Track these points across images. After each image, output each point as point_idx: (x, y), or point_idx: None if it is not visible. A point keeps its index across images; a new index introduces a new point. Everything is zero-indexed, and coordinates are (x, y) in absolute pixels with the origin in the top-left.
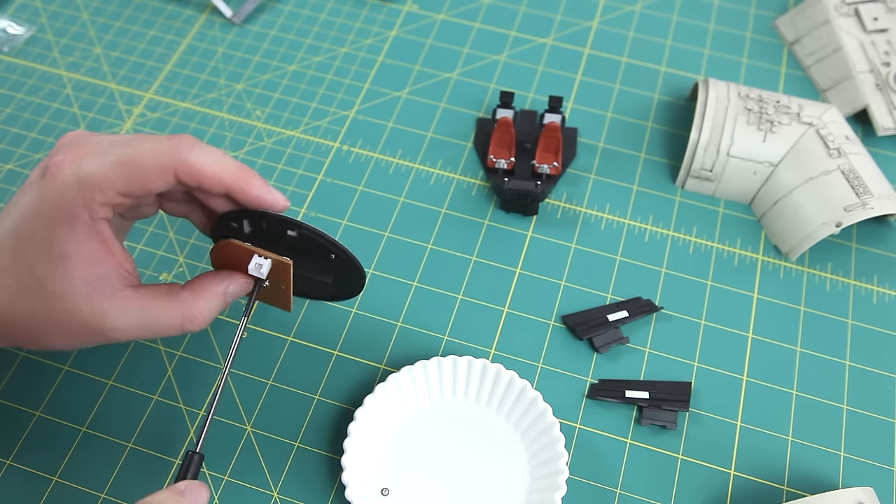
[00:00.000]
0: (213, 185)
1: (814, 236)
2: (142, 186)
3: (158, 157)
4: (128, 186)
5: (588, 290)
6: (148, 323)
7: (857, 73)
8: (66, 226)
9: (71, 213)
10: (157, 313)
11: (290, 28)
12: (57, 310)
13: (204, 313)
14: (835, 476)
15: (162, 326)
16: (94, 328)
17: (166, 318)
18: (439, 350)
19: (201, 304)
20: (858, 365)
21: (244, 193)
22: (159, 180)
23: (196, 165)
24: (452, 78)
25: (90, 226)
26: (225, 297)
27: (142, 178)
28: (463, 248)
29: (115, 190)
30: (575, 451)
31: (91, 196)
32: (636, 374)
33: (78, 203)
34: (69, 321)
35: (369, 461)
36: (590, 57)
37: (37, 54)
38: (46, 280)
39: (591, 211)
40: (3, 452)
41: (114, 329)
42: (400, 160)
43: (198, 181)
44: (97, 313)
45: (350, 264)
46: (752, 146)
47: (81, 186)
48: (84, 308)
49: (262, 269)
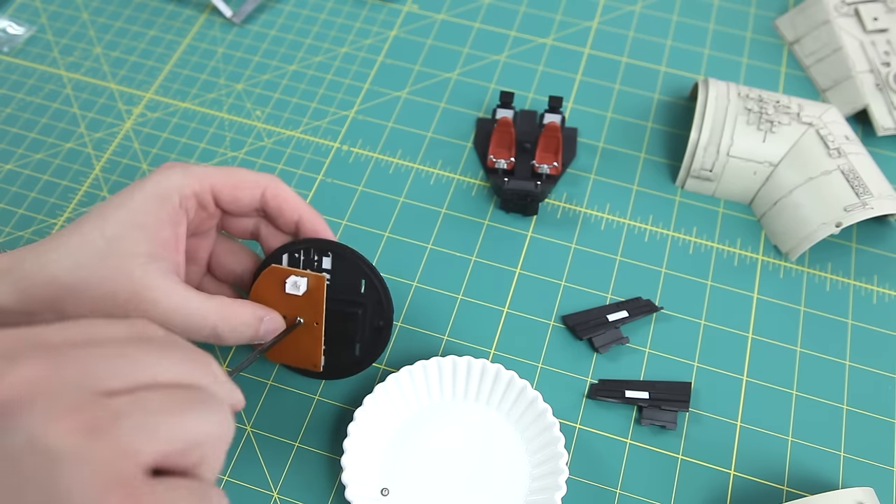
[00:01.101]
0: (290, 211)
1: (814, 236)
2: (233, 188)
3: (255, 175)
4: (223, 183)
5: (588, 290)
6: (187, 308)
7: (857, 73)
8: (157, 202)
9: (166, 193)
10: (198, 304)
11: (290, 28)
12: (108, 266)
13: (240, 320)
14: (835, 476)
15: (198, 317)
16: (136, 294)
17: (204, 311)
18: (439, 350)
19: (239, 312)
20: (858, 365)
21: (313, 227)
22: (249, 189)
23: (284, 190)
24: (452, 78)
25: (175, 211)
26: (260, 322)
27: (235, 182)
28: (463, 248)
29: (210, 183)
30: (575, 451)
31: (188, 182)
32: (636, 374)
33: (174, 186)
34: (114, 279)
35: (369, 461)
36: (590, 57)
37: (37, 54)
38: (114, 239)
39: (591, 211)
40: None
41: (155, 302)
42: (400, 160)
43: (279, 204)
44: (145, 282)
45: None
46: (752, 146)
47: (184, 174)
48: (136, 272)
49: (298, 286)
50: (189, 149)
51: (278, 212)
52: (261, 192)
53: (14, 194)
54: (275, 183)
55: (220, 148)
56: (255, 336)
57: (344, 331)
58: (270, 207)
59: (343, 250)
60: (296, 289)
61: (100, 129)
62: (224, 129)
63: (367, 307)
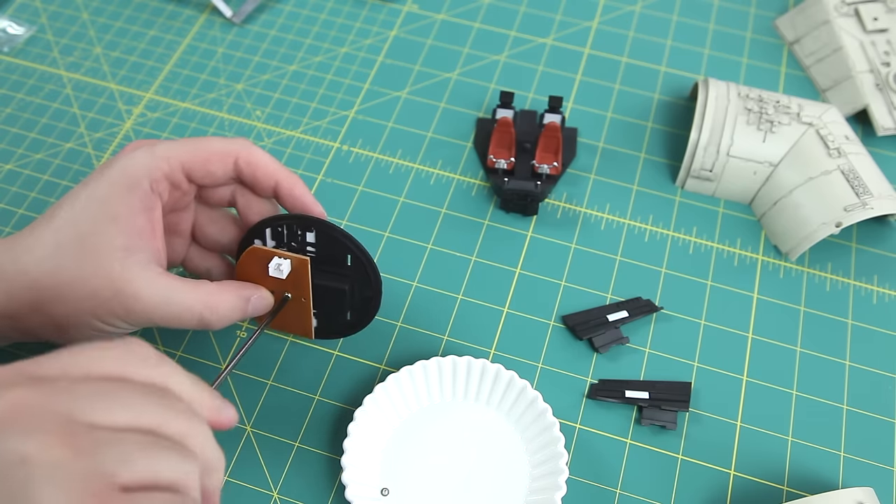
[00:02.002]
0: (265, 177)
1: (814, 236)
2: (204, 163)
3: (225, 144)
4: (192, 160)
5: (588, 290)
6: (171, 300)
7: (857, 73)
8: (127, 190)
9: (135, 179)
10: (182, 295)
11: (290, 28)
12: (87, 266)
13: (226, 306)
14: (835, 476)
15: (183, 307)
16: (118, 292)
17: (189, 301)
18: (439, 350)
19: (225, 298)
20: (858, 365)
21: (290, 191)
22: (220, 161)
23: (256, 156)
24: (452, 78)
25: (147, 196)
26: (247, 303)
27: (205, 156)
28: (463, 248)
29: (178, 163)
30: (575, 451)
31: (157, 164)
32: (636, 374)
33: (143, 170)
34: (95, 278)
35: (369, 461)
36: (590, 57)
37: (37, 54)
38: (88, 235)
39: (591, 211)
40: None
41: (137, 297)
42: (400, 160)
43: (252, 169)
44: (126, 277)
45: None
46: (752, 146)
47: (151, 156)
48: (115, 267)
49: (281, 268)
50: None
51: (253, 179)
52: (233, 161)
53: (14, 194)
54: (247, 149)
55: None
56: (244, 317)
57: (333, 302)
58: (245, 175)
59: (326, 227)
60: (279, 272)
61: (100, 129)
62: (224, 130)
63: (354, 281)
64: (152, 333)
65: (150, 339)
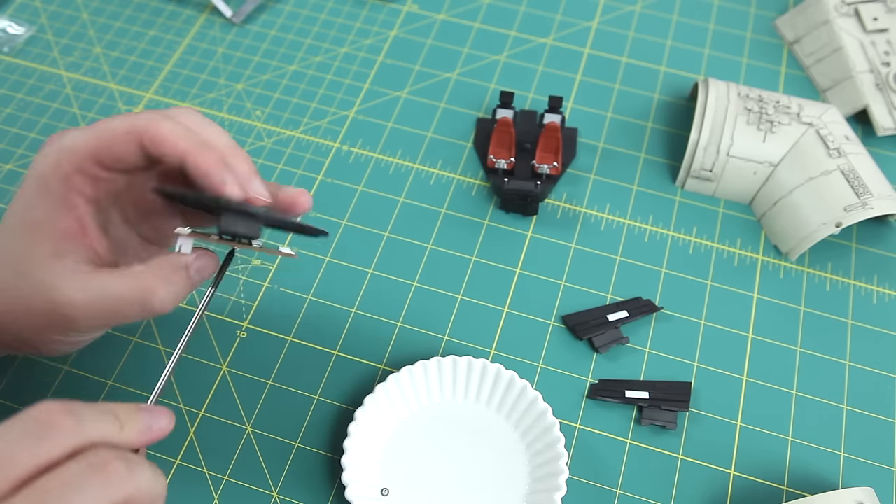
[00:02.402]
0: (169, 151)
1: (814, 236)
2: (108, 149)
3: (128, 122)
4: (97, 147)
5: (588, 290)
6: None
7: (857, 73)
8: (41, 193)
9: (46, 180)
10: (116, 287)
11: (290, 28)
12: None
13: (167, 289)
14: (835, 476)
15: (121, 301)
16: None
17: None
18: (439, 350)
19: (163, 280)
20: (858, 365)
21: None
22: (124, 144)
23: (161, 129)
24: (452, 78)
25: (62, 195)
26: (188, 273)
27: (109, 141)
28: (463, 248)
29: (85, 154)
30: (575, 452)
31: (63, 160)
32: (636, 374)
33: (52, 169)
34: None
35: (369, 461)
36: (590, 57)
37: (37, 54)
38: (17, 250)
39: (591, 211)
40: None
41: (72, 304)
42: (400, 160)
43: (157, 146)
44: (57, 286)
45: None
46: (752, 146)
47: (57, 153)
48: (46, 279)
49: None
50: None
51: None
52: (137, 142)
53: (14, 194)
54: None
55: None
56: (192, 288)
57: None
58: (154, 156)
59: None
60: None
61: None
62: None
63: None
64: (152, 334)
65: (150, 339)
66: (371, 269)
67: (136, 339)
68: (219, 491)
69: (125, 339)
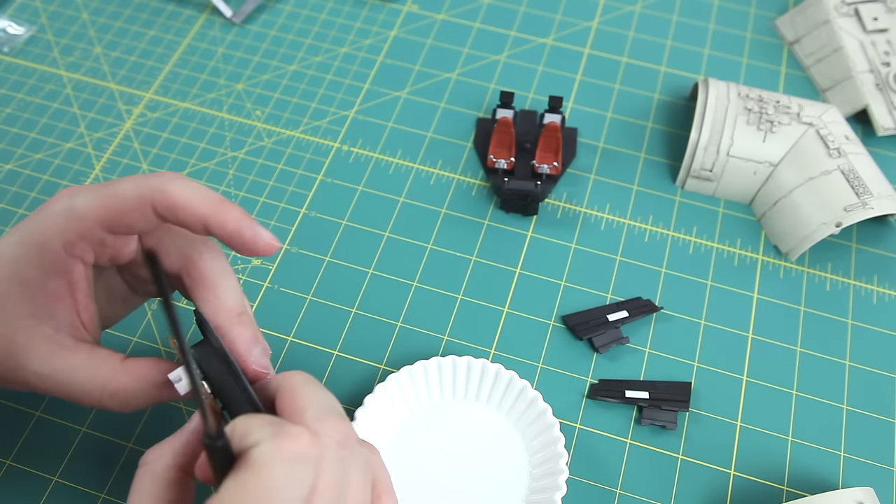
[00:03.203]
0: (188, 217)
1: (814, 236)
2: (119, 217)
3: (138, 187)
4: (107, 216)
5: (588, 290)
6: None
7: (857, 73)
8: (38, 251)
9: (47, 240)
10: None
11: (290, 28)
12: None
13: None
14: (835, 476)
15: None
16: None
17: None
18: (439, 350)
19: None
20: (858, 365)
21: (222, 226)
22: (136, 212)
23: (173, 196)
24: (452, 78)
25: (60, 258)
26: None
27: (120, 208)
28: (463, 248)
29: (95, 221)
30: (575, 451)
31: (70, 226)
32: (636, 374)
33: (56, 231)
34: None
35: None
36: (590, 57)
37: (37, 54)
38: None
39: (591, 211)
40: (3, 452)
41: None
42: (400, 160)
43: (174, 213)
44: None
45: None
46: (752, 146)
47: (65, 216)
48: (20, 340)
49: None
50: (189, 149)
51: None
52: (150, 209)
53: (14, 194)
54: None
55: (220, 148)
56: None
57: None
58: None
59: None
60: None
61: (100, 129)
62: (224, 129)
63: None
64: (152, 334)
65: (150, 339)
66: (371, 269)
67: (135, 339)
68: None
69: (125, 340)
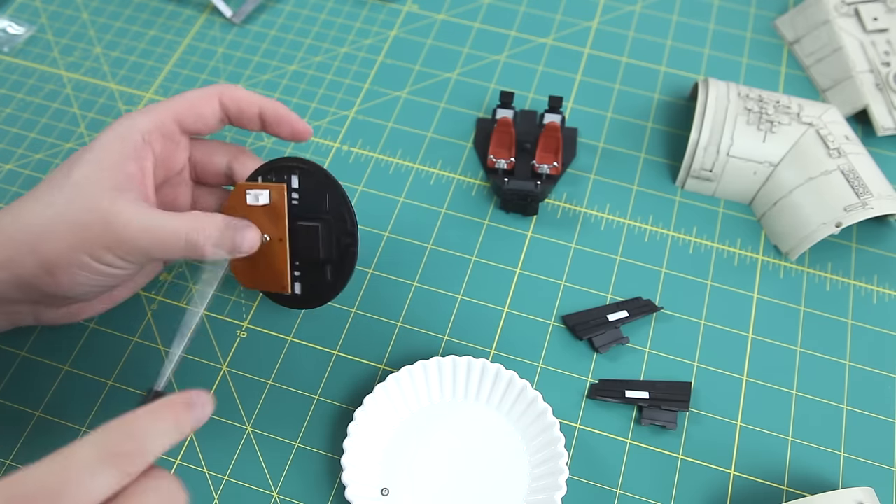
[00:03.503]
0: (249, 105)
1: (814, 236)
2: (192, 109)
3: (204, 90)
4: (181, 109)
5: (588, 290)
6: (158, 225)
7: (857, 73)
8: (119, 140)
9: (127, 130)
10: (169, 220)
11: (290, 28)
12: (77, 200)
13: (213, 228)
14: (835, 476)
15: (168, 231)
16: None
17: (175, 224)
18: (439, 350)
19: (212, 222)
20: (858, 365)
21: (275, 112)
22: (206, 104)
23: (236, 90)
24: (452, 78)
25: (138, 147)
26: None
27: (192, 101)
28: (463, 248)
29: (169, 112)
30: (575, 451)
31: (147, 118)
32: (636, 374)
33: (134, 124)
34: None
35: (369, 461)
36: (590, 57)
37: (37, 54)
38: (80, 177)
39: (591, 211)
40: (3, 452)
41: (126, 225)
42: (400, 160)
43: (237, 103)
44: (115, 210)
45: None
46: (752, 146)
47: (144, 112)
48: (104, 203)
49: (259, 198)
50: None
51: (239, 112)
52: (217, 101)
53: (14, 194)
54: (227, 88)
55: None
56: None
57: (311, 250)
58: (231, 111)
59: (308, 165)
60: (256, 200)
61: (100, 129)
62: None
63: (331, 223)
64: (152, 334)
65: (150, 339)
66: (371, 269)
67: (136, 339)
68: (219, 491)
69: (125, 340)
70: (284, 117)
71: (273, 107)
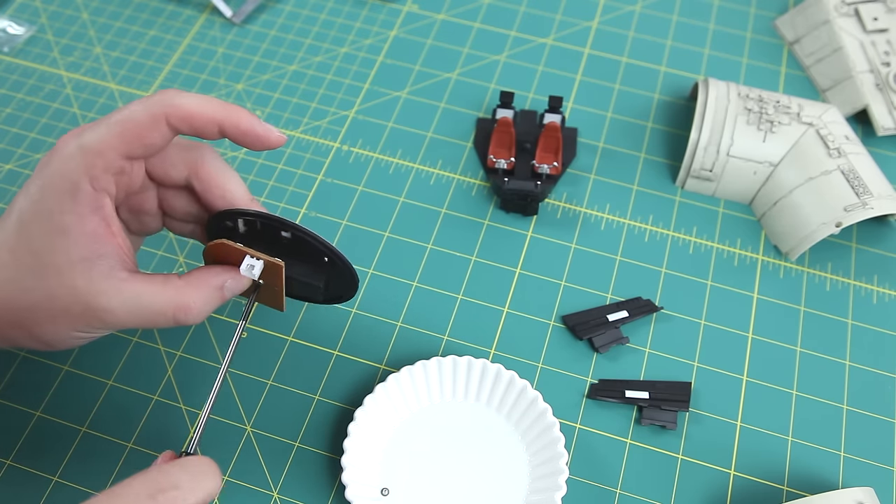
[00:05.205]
0: (204, 123)
1: (814, 236)
2: (138, 140)
3: (148, 108)
4: (125, 144)
5: (588, 290)
6: (142, 308)
7: (857, 73)
8: (69, 197)
9: (73, 183)
10: (152, 299)
11: (290, 28)
12: (52, 286)
13: (199, 304)
14: (835, 476)
15: (155, 313)
16: (88, 307)
17: (160, 305)
18: (439, 350)
19: (196, 295)
20: (858, 365)
21: (236, 126)
22: (153, 131)
23: (184, 107)
24: (452, 78)
25: (92, 198)
26: (222, 291)
27: (136, 132)
28: (463, 248)
29: (114, 151)
30: (575, 451)
31: (92, 162)
32: (636, 374)
33: (80, 171)
34: (62, 297)
35: (369, 461)
36: (590, 57)
37: (37, 54)
38: (44, 253)
39: (591, 211)
40: (3, 452)
41: (108, 311)
42: (400, 160)
43: (189, 122)
44: (93, 292)
45: (343, 268)
46: (752, 146)
47: (83, 154)
48: (80, 284)
49: (253, 270)
50: None
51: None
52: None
53: (14, 194)
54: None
55: (220, 148)
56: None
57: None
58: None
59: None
60: (251, 272)
61: None
62: None
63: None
64: (152, 334)
65: (150, 339)
66: (371, 269)
67: (136, 339)
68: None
69: (125, 339)
70: (249, 130)
71: (234, 120)
